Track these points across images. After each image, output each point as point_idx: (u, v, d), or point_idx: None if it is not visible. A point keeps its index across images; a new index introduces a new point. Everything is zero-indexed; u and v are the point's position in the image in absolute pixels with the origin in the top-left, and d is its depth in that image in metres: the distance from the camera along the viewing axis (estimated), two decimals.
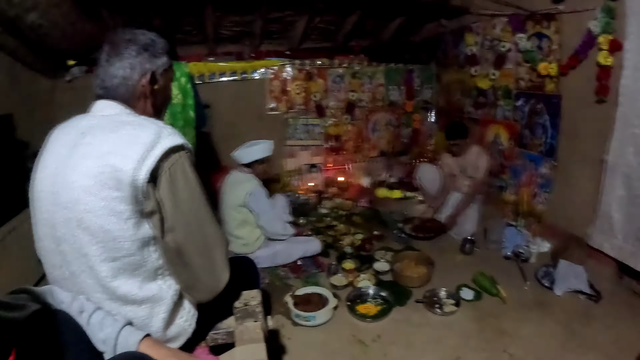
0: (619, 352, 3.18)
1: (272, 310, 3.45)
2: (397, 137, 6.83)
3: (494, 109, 5.55)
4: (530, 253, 4.56)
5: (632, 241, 3.87)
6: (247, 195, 3.82)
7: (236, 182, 3.94)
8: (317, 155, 6.42)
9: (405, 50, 6.37)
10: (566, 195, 4.63)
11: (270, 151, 4.03)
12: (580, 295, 3.89)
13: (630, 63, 3.66)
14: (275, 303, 3.56)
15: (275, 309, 3.49)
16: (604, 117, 4.01)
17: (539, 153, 4.91)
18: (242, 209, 3.87)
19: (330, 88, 6.18)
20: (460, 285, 3.94)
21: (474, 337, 3.30)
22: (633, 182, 3.81)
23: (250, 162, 3.93)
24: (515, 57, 4.99)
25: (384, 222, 5.36)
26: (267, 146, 3.99)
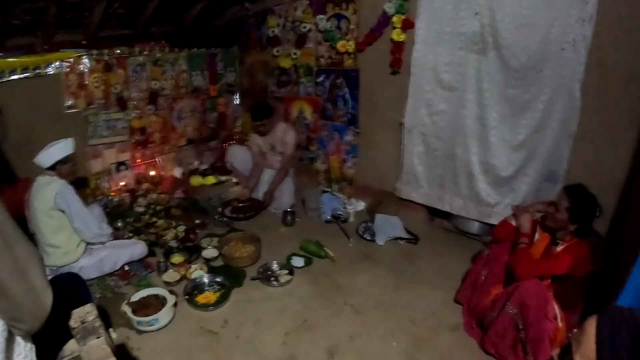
0: (444, 280, 3.62)
1: (112, 324, 3.08)
2: (204, 123, 6.57)
3: (296, 87, 5.73)
4: (348, 214, 4.83)
5: (435, 188, 4.43)
6: (56, 196, 3.33)
7: (42, 186, 3.36)
8: (124, 151, 5.77)
9: (208, 34, 6.15)
10: (372, 158, 5.03)
11: (71, 149, 3.50)
12: (400, 241, 4.29)
13: (420, 39, 4.13)
14: (114, 315, 3.15)
15: (115, 322, 3.11)
16: (399, 86, 4.46)
17: (342, 123, 5.23)
18: (54, 213, 3.35)
19: (132, 78, 5.59)
20: (290, 255, 4.01)
21: (314, 298, 3.41)
22: (428, 138, 4.34)
23: (53, 164, 3.44)
24: (316, 37, 5.21)
25: (204, 209, 5.13)
26: (66, 144, 3.47)
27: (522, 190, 3.85)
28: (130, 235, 4.37)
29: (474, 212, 4.16)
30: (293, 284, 3.61)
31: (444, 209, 4.40)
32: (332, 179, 5.49)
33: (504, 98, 3.76)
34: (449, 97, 4.12)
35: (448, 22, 3.92)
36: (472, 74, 3.89)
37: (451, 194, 4.31)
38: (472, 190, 4.12)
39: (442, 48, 4.03)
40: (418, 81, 4.26)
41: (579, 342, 1.16)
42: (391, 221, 4.46)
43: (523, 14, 3.45)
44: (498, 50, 3.67)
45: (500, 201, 3.97)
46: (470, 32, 3.81)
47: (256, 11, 5.82)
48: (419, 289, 3.54)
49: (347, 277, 3.71)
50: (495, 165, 3.92)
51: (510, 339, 2.62)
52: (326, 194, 5.21)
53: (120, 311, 3.08)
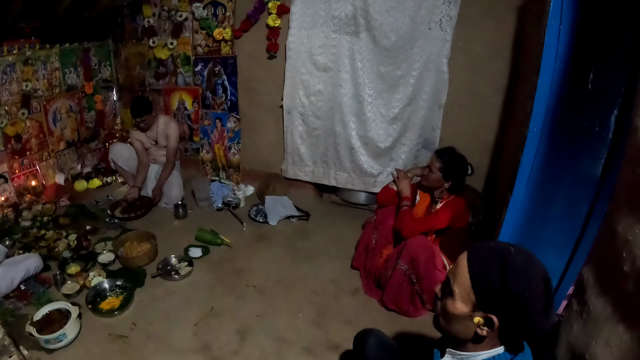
0: (338, 250, 3.63)
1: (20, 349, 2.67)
2: (81, 123, 5.82)
3: (175, 77, 5.36)
4: (239, 199, 4.64)
5: (320, 165, 4.39)
6: None
7: None
8: (0, 163, 4.89)
9: (81, 27, 5.52)
10: (256, 142, 4.87)
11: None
12: (292, 219, 4.20)
13: (295, 24, 4.03)
14: (20, 340, 2.77)
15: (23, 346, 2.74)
16: (276, 70, 4.35)
17: (223, 110, 5.00)
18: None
19: (2, 81, 4.75)
20: (188, 247, 3.81)
21: (218, 285, 3.29)
22: (308, 118, 4.28)
23: None
24: (192, 26, 4.90)
25: (93, 214, 4.68)
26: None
27: (402, 159, 3.95)
28: (20, 252, 3.82)
29: (359, 184, 4.19)
30: (194, 275, 3.44)
31: (330, 184, 4.38)
32: (219, 167, 5.23)
33: (378, 75, 3.80)
34: (325, 78, 4.08)
35: (322, 7, 3.86)
36: (346, 55, 3.88)
37: (335, 169, 4.30)
38: (354, 164, 4.14)
39: (317, 31, 3.97)
40: (294, 64, 4.17)
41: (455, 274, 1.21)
42: (281, 201, 4.35)
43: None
44: (370, 31, 3.69)
45: (382, 171, 4.04)
46: (343, 15, 3.78)
47: (130, 1, 5.36)
48: (316, 261, 3.50)
49: (246, 260, 3.59)
50: (373, 138, 3.97)
51: (407, 293, 2.66)
52: (215, 182, 4.99)
53: (25, 334, 2.75)
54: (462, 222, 2.73)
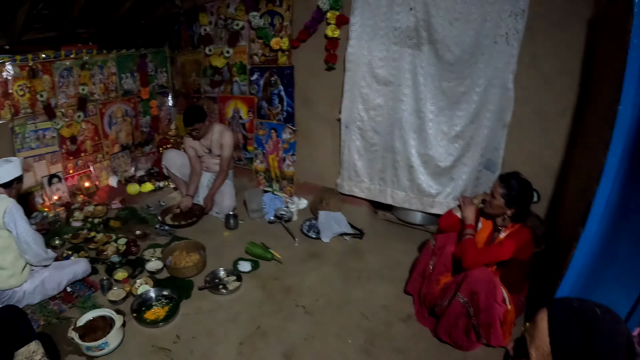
0: (392, 272, 3.67)
1: (60, 353, 2.89)
2: (136, 128, 6.29)
3: (230, 86, 5.62)
4: (291, 213, 4.78)
5: (377, 181, 4.48)
6: (5, 214, 3.08)
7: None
8: (55, 163, 5.40)
9: (137, 34, 5.89)
10: (311, 155, 5.01)
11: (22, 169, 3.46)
12: (345, 236, 4.29)
13: (355, 35, 4.14)
14: (61, 343, 2.95)
15: (63, 350, 2.91)
16: (335, 83, 4.48)
17: (278, 121, 5.19)
18: (2, 232, 3.13)
19: (58, 84, 5.22)
20: (237, 260, 3.91)
21: (265, 303, 3.34)
22: (366, 133, 4.38)
23: (10, 180, 3.27)
24: (249, 35, 5.13)
25: (143, 219, 4.89)
26: (20, 163, 3.37)
27: (462, 179, 3.96)
28: (69, 253, 4.11)
29: (416, 203, 4.24)
30: (242, 290, 3.52)
31: (387, 202, 4.46)
32: (272, 179, 5.43)
33: (440, 91, 3.85)
34: (385, 92, 4.16)
35: (383, 18, 3.95)
36: (408, 68, 3.95)
37: (393, 187, 4.37)
38: (413, 182, 4.19)
39: (377, 43, 4.06)
40: (354, 77, 4.28)
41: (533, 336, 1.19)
42: (335, 217, 4.45)
43: (457, 9, 3.54)
44: (432, 44, 3.75)
45: (441, 191, 4.07)
46: (405, 27, 3.86)
47: (187, 9, 5.64)
48: (368, 284, 3.55)
49: (296, 278, 3.66)
50: (434, 156, 4.01)
51: (462, 326, 2.69)
52: (267, 194, 5.15)
53: (67, 337, 2.90)
54: (526, 254, 2.73)
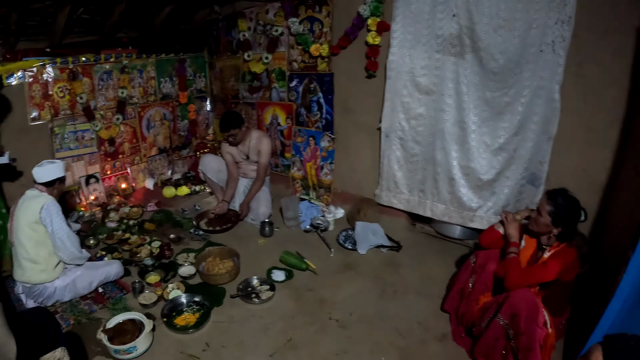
0: (428, 288, 3.64)
1: (87, 353, 2.97)
2: (174, 131, 6.52)
3: (269, 92, 5.72)
4: (328, 222, 4.80)
5: (416, 193, 4.47)
6: (42, 210, 3.31)
7: (30, 198, 3.40)
8: (93, 164, 5.67)
9: (177, 39, 6.09)
10: (350, 164, 5.04)
11: None
12: (382, 248, 4.29)
13: (396, 42, 4.16)
14: (89, 343, 3.03)
15: (91, 350, 2.99)
16: (375, 91, 4.50)
17: (317, 128, 5.25)
18: (38, 227, 3.33)
19: (98, 87, 5.49)
20: (271, 269, 3.95)
21: (298, 314, 3.35)
22: (407, 143, 4.38)
23: (52, 180, 3.47)
24: (288, 41, 5.21)
25: (178, 222, 5.04)
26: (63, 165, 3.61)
27: (504, 193, 3.91)
28: (103, 253, 4.27)
29: (456, 217, 4.21)
30: (275, 300, 3.54)
31: (426, 214, 4.44)
32: (309, 187, 5.49)
33: (483, 101, 3.82)
34: (427, 101, 4.16)
35: (425, 25, 3.96)
36: (450, 77, 3.94)
37: (432, 199, 4.36)
38: (453, 195, 4.17)
39: (419, 51, 4.07)
40: (395, 85, 4.29)
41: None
42: (372, 229, 4.46)
43: (501, 16, 3.52)
44: (476, 52, 3.73)
45: (482, 205, 4.03)
46: (447, 35, 3.85)
47: (226, 14, 5.79)
48: (404, 299, 3.54)
49: (331, 289, 3.67)
50: (476, 169, 3.97)
51: (500, 348, 2.66)
52: (304, 202, 5.20)
53: (96, 338, 2.98)
54: (570, 276, 2.68)
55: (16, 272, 3.44)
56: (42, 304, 3.45)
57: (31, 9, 4.38)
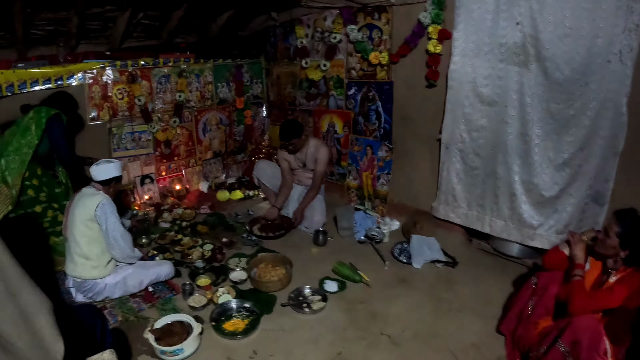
0: (484, 307, 3.60)
1: (132, 352, 3.07)
2: (230, 136, 6.80)
3: (326, 99, 5.84)
4: (383, 234, 4.83)
5: (475, 208, 4.44)
6: (97, 208, 3.47)
7: (86, 196, 3.57)
8: (149, 164, 6.02)
9: (234, 45, 6.33)
10: (407, 175, 5.07)
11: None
12: (438, 263, 4.29)
13: (458, 50, 4.16)
14: (135, 342, 3.14)
15: (137, 349, 3.09)
16: (435, 101, 4.52)
17: (374, 138, 5.30)
18: (92, 225, 3.52)
19: (156, 90, 5.84)
20: (323, 279, 4.00)
21: (349, 327, 3.35)
22: (467, 155, 4.37)
23: (108, 179, 3.64)
24: (347, 48, 5.31)
25: (231, 226, 5.22)
26: (120, 165, 3.81)
27: (567, 211, 3.84)
28: (155, 253, 4.48)
29: (515, 234, 4.16)
30: (326, 311, 3.56)
31: (484, 230, 4.40)
32: (364, 197, 5.55)
33: (548, 113, 3.77)
34: (489, 113, 4.13)
35: (487, 33, 3.95)
36: (514, 88, 3.90)
37: (492, 214, 4.32)
38: (514, 211, 4.12)
39: (482, 60, 4.05)
40: (456, 95, 4.29)
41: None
42: (428, 242, 4.47)
43: (566, 24, 3.47)
44: (541, 62, 3.69)
45: (543, 223, 3.96)
46: (511, 43, 3.82)
47: (283, 21, 5.95)
48: (458, 317, 3.52)
49: (383, 303, 3.68)
50: (538, 184, 3.92)
51: None
52: (359, 212, 5.25)
53: (142, 337, 3.09)
54: (635, 303, 2.61)
55: (68, 266, 3.63)
56: (92, 299, 3.64)
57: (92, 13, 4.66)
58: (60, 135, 4.34)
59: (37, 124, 4.20)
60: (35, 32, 4.88)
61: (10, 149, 4.08)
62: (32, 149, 4.14)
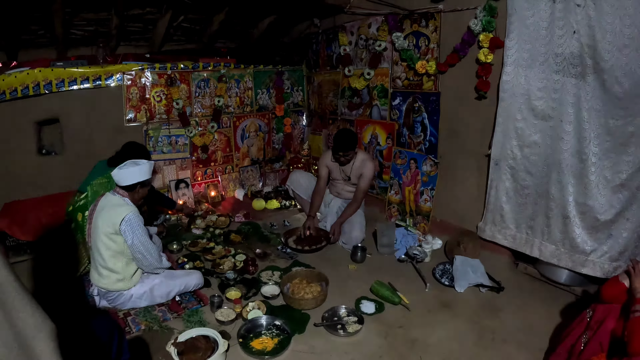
0: (530, 338, 3.50)
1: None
2: (268, 144, 6.94)
3: (369, 109, 5.87)
4: (425, 253, 4.79)
5: (524, 229, 4.37)
6: (122, 223, 3.44)
7: (110, 206, 3.53)
8: (184, 169, 6.21)
9: (275, 51, 6.47)
10: (452, 191, 5.04)
11: (151, 173, 3.74)
12: (482, 288, 4.21)
13: (510, 60, 4.11)
14: (157, 353, 3.13)
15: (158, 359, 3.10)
16: (485, 113, 4.48)
17: (419, 151, 5.30)
18: (117, 238, 3.51)
19: (195, 94, 6.04)
20: (360, 299, 3.94)
21: (386, 354, 3.26)
22: (518, 173, 4.30)
23: (133, 184, 3.58)
24: (392, 56, 5.34)
25: (266, 237, 5.27)
26: (149, 166, 3.69)
27: (622, 236, 3.73)
28: (185, 260, 4.54)
29: (566, 260, 4.05)
30: (362, 334, 3.48)
31: (533, 254, 4.31)
32: (406, 212, 5.53)
33: (606, 129, 3.68)
34: (543, 127, 4.06)
35: (542, 42, 3.89)
36: (570, 102, 3.82)
37: (542, 238, 4.23)
38: (566, 235, 4.02)
39: (536, 71, 3.99)
40: (508, 108, 4.24)
41: None
42: (472, 264, 4.39)
43: (625, 33, 3.39)
44: (599, 74, 3.61)
45: (597, 248, 3.85)
46: (567, 53, 3.75)
47: (326, 28, 6.04)
48: (502, 348, 3.41)
49: (423, 329, 3.58)
50: (594, 207, 3.81)
51: None
52: (400, 228, 5.24)
53: (164, 349, 3.06)
54: None
55: (93, 275, 3.68)
56: (116, 308, 3.69)
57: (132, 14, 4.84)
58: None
59: None
60: (75, 32, 5.13)
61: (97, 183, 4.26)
62: None
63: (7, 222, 4.65)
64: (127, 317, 3.61)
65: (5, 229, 4.60)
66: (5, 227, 4.61)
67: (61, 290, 3.99)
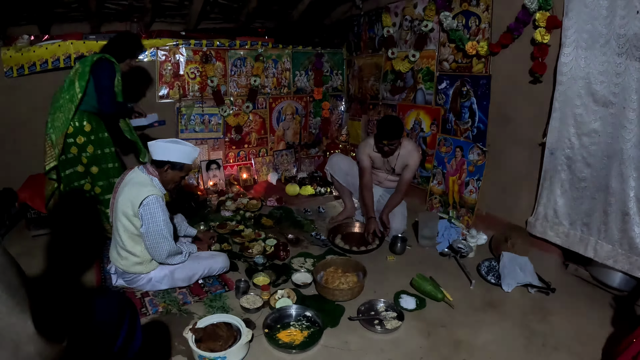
0: (582, 346, 3.29)
1: (172, 349, 2.94)
2: (305, 128, 6.88)
3: (413, 93, 5.70)
4: (470, 248, 4.60)
5: (579, 226, 4.13)
6: (142, 206, 3.30)
7: (134, 184, 3.40)
8: (217, 149, 6.19)
9: (315, 33, 6.37)
10: (501, 183, 4.83)
11: (191, 160, 3.54)
12: (530, 288, 4.00)
13: (570, 40, 3.88)
14: (175, 338, 3.01)
15: (175, 348, 2.96)
16: (540, 98, 4.26)
17: (466, 138, 5.10)
18: (135, 220, 3.36)
19: (230, 72, 5.98)
20: (399, 293, 3.78)
21: (426, 355, 3.07)
22: (576, 164, 4.06)
23: (163, 160, 3.40)
24: (439, 37, 5.16)
25: (299, 222, 5.17)
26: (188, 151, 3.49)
27: None
28: (212, 240, 4.46)
29: (622, 262, 3.80)
30: (401, 332, 3.30)
31: (587, 254, 4.06)
32: (449, 204, 5.37)
33: None
34: (604, 114, 3.82)
35: (603, 22, 3.66)
36: (634, 87, 3.58)
37: (598, 236, 3.99)
38: (624, 234, 3.78)
39: (597, 53, 3.76)
40: (566, 93, 4.01)
41: None
42: (520, 263, 4.18)
43: None
44: None
45: None
46: (631, 35, 3.52)
47: (368, 10, 5.92)
48: (553, 355, 3.21)
49: (469, 330, 3.39)
50: None
51: None
52: (442, 220, 5.04)
53: (182, 334, 2.89)
54: None
55: (112, 253, 3.60)
56: (135, 289, 3.62)
57: None
58: (104, 78, 4.22)
59: (81, 74, 4.18)
60: (109, 6, 5.09)
61: (56, 106, 4.19)
62: (75, 104, 4.13)
63: (29, 193, 4.73)
64: (144, 297, 3.54)
65: (27, 201, 4.68)
66: (28, 199, 4.68)
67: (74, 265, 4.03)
